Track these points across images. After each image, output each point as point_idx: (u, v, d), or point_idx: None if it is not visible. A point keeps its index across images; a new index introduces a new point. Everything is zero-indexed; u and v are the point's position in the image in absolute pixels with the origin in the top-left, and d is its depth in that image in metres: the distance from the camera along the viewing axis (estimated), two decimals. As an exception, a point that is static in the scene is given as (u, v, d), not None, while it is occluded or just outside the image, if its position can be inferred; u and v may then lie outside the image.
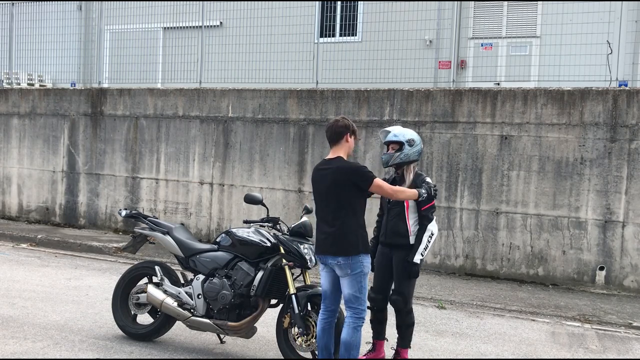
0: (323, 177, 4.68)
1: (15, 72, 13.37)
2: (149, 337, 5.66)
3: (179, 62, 11.93)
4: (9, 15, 12.95)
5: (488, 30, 11.37)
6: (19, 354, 5.25)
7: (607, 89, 8.38)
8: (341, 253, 4.57)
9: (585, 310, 7.40)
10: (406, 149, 5.10)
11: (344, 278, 4.62)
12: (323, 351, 4.74)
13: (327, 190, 4.64)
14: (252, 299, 5.20)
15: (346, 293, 4.63)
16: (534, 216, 8.64)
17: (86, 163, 11.73)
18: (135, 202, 11.23)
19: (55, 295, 7.20)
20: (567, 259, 8.52)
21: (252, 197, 5.43)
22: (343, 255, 4.57)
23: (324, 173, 4.68)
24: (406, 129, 5.29)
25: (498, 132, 8.82)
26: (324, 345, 4.74)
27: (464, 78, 10.63)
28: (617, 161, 8.26)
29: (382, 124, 9.39)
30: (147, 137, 11.16)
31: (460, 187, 9.02)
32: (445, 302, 7.64)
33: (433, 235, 5.06)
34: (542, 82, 9.67)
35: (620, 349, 6.22)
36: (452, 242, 9.07)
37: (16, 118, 12.39)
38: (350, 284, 4.61)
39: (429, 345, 6.02)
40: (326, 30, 11.78)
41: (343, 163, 4.67)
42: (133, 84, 11.62)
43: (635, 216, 8.20)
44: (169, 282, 5.60)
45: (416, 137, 5.19)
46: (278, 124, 10.09)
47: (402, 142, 5.12)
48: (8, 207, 12.52)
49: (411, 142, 5.12)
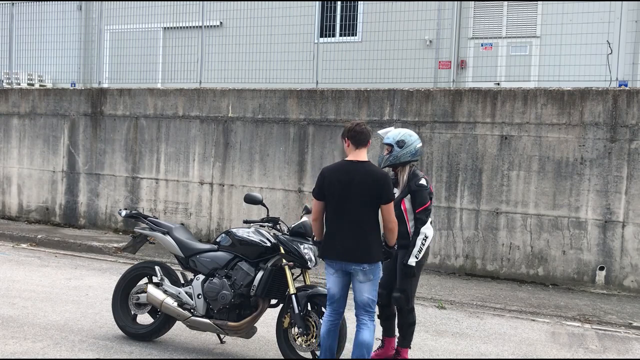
0: (356, 180, 4.56)
1: (15, 72, 13.37)
2: (149, 337, 5.66)
3: (179, 62, 11.93)
4: (9, 15, 12.95)
5: (488, 30, 11.36)
6: (19, 354, 5.25)
7: (607, 89, 8.38)
8: (368, 260, 4.57)
9: (585, 310, 7.40)
10: (395, 151, 5.13)
11: (364, 283, 4.61)
12: (327, 352, 4.75)
13: (361, 195, 4.55)
14: (252, 299, 5.20)
15: (365, 297, 4.62)
16: (534, 216, 8.64)
17: (86, 163, 11.73)
18: (135, 202, 11.23)
19: (55, 295, 7.21)
20: (567, 259, 8.52)
21: (252, 197, 5.43)
22: (369, 262, 4.57)
23: (357, 176, 4.57)
24: (401, 130, 5.29)
25: (498, 132, 8.82)
26: (328, 346, 4.75)
27: (464, 78, 10.63)
28: (617, 161, 8.26)
29: (382, 124, 9.39)
30: (147, 137, 11.16)
31: (460, 187, 9.02)
32: (445, 302, 7.63)
33: (427, 238, 5.07)
34: (542, 82, 9.67)
35: (620, 349, 6.22)
36: (452, 242, 9.07)
37: (16, 118, 12.39)
38: (370, 288, 4.63)
39: (429, 345, 6.02)
40: (326, 30, 11.78)
41: (381, 170, 4.68)
42: (133, 84, 11.62)
43: (635, 216, 8.20)
44: (169, 282, 5.60)
45: (408, 138, 5.16)
46: (278, 124, 10.09)
47: (392, 144, 5.15)
48: (8, 207, 12.52)
49: (400, 144, 5.13)
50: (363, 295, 4.62)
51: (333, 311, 4.76)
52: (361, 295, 4.63)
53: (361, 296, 4.63)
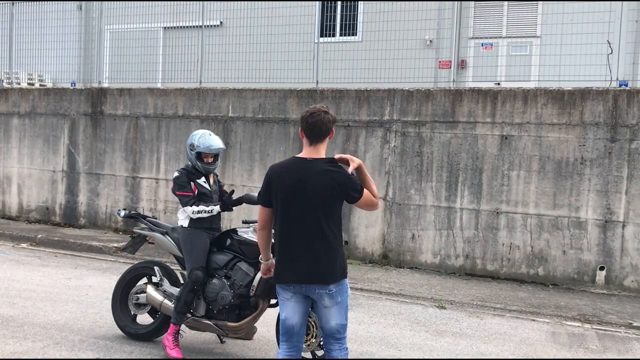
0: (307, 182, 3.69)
1: (15, 71, 13.37)
2: (149, 337, 5.66)
3: (179, 61, 11.93)
4: (9, 15, 12.95)
5: (488, 30, 11.36)
6: (19, 354, 5.25)
7: (607, 89, 8.37)
8: (333, 279, 3.71)
9: (586, 310, 7.39)
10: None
11: (331, 308, 3.76)
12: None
13: (314, 199, 3.68)
14: (252, 299, 5.19)
15: (335, 324, 3.80)
16: (534, 216, 8.64)
17: (86, 163, 11.73)
18: (136, 202, 11.23)
19: (55, 294, 7.21)
20: (567, 259, 8.51)
21: (252, 197, 5.41)
22: (334, 282, 3.72)
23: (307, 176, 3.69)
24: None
25: (498, 132, 8.81)
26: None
27: (464, 78, 10.63)
28: (618, 161, 8.26)
29: (382, 123, 9.40)
30: (147, 136, 11.16)
31: (461, 187, 9.02)
32: (445, 302, 7.63)
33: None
34: (542, 82, 9.66)
35: (620, 349, 6.22)
36: (452, 242, 9.07)
37: (16, 118, 12.39)
38: (339, 312, 3.80)
39: (429, 345, 6.02)
40: (326, 30, 11.77)
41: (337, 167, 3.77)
42: (133, 84, 11.62)
43: (635, 216, 8.19)
44: (168, 282, 5.60)
45: (193, 141, 5.41)
46: (278, 123, 10.09)
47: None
48: (8, 207, 12.52)
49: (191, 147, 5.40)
50: (330, 322, 3.81)
51: (291, 347, 3.89)
52: (328, 323, 3.81)
53: (328, 324, 3.81)
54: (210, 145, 5.36)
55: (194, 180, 5.41)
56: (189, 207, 5.28)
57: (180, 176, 5.38)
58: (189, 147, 5.42)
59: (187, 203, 5.30)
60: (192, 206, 5.28)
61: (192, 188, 5.36)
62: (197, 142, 5.37)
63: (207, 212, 5.27)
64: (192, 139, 5.41)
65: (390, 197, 9.39)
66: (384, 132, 9.43)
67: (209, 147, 5.36)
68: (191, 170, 5.45)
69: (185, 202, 5.31)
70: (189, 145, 5.41)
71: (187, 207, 5.29)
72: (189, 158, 5.45)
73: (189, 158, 5.45)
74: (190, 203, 5.30)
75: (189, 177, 5.40)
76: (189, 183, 5.37)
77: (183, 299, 5.22)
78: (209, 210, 5.27)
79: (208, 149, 5.35)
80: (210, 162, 5.43)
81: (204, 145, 5.35)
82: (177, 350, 5.23)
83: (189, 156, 5.44)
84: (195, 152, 5.38)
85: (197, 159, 5.39)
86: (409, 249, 9.32)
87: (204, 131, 5.50)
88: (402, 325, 6.64)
